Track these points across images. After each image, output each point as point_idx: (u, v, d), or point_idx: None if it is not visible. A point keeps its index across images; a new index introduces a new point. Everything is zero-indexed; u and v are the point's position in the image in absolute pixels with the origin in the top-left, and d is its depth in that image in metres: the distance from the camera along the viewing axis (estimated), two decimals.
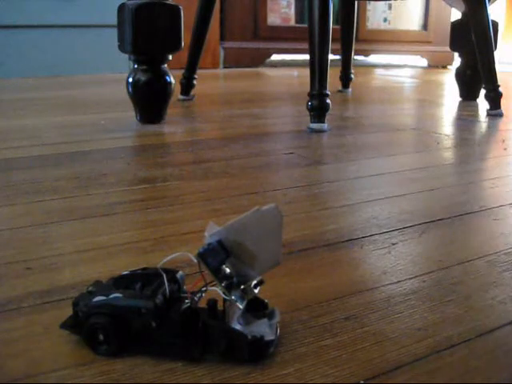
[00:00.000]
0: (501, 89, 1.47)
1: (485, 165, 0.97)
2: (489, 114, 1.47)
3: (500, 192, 0.78)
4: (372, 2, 3.23)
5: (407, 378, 0.35)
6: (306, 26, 1.54)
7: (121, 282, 0.41)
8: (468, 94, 1.74)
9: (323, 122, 1.21)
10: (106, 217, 0.64)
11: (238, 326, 0.38)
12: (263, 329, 0.39)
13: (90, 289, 0.41)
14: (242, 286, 0.38)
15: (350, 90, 1.93)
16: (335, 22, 2.15)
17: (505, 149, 1.07)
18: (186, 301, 0.39)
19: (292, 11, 2.98)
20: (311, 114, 1.22)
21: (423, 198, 0.75)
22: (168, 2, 1.21)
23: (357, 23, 2.02)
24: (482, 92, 1.53)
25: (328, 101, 1.22)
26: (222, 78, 2.38)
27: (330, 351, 0.38)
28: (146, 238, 0.58)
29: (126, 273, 0.42)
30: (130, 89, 1.22)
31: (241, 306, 0.38)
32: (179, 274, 0.41)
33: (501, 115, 1.46)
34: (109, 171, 0.84)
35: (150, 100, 1.23)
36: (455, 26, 1.75)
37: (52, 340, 0.39)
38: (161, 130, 1.18)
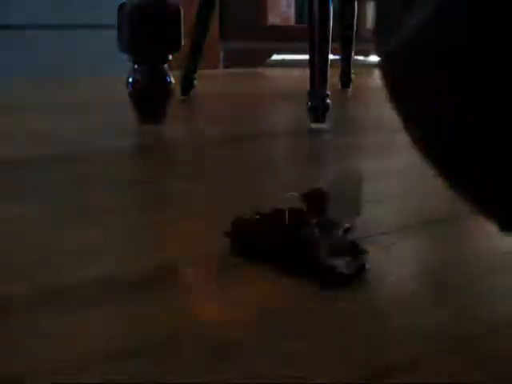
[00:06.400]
0: None
1: None
2: None
3: None
4: (372, 2, 3.23)
5: (407, 378, 0.36)
6: (305, 25, 1.55)
7: None
8: None
9: (323, 122, 1.21)
10: (106, 217, 0.64)
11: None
12: (341, 262, 0.49)
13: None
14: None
15: (349, 89, 1.93)
16: (335, 22, 2.15)
17: None
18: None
19: (292, 11, 2.99)
20: (311, 114, 1.22)
21: (423, 197, 0.75)
22: (168, 2, 1.21)
23: (357, 23, 2.02)
24: None
25: (328, 101, 1.22)
26: (222, 78, 2.38)
27: (330, 351, 0.38)
28: (146, 238, 0.58)
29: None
30: (130, 89, 1.22)
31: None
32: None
33: None
34: (108, 171, 0.85)
35: (150, 100, 1.24)
36: None
37: (52, 340, 0.39)
38: (161, 130, 1.18)
